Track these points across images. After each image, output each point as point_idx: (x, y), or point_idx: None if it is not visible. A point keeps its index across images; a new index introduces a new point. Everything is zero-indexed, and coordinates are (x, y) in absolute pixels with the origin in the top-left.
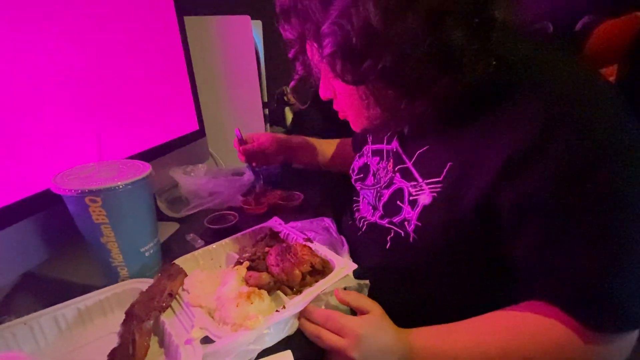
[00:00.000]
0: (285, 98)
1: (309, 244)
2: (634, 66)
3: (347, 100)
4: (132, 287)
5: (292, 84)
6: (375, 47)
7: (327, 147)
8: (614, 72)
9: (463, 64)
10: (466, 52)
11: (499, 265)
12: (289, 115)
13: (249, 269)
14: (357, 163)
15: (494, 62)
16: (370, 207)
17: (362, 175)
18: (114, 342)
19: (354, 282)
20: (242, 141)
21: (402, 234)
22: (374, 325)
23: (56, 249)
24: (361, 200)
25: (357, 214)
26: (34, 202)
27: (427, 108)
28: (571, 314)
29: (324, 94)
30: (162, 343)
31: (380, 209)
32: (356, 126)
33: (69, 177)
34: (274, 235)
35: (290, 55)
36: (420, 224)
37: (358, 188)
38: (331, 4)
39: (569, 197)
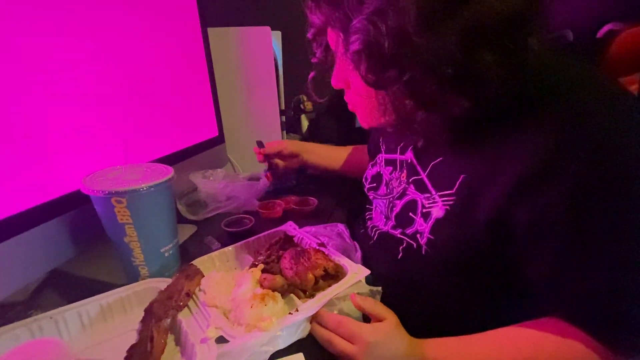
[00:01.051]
0: (302, 106)
1: (322, 248)
2: None
3: (361, 98)
4: (151, 286)
5: (311, 75)
6: (406, 56)
7: (341, 153)
8: (636, 81)
9: (487, 89)
10: (493, 78)
11: (510, 280)
12: (305, 123)
13: (263, 271)
14: (370, 172)
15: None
16: (383, 217)
17: (375, 184)
18: (133, 338)
19: (366, 289)
20: (261, 144)
21: (415, 246)
22: (386, 334)
23: (82, 248)
24: (374, 209)
25: (369, 223)
26: (64, 202)
27: (443, 123)
28: (591, 334)
29: (336, 84)
30: (178, 341)
31: (393, 219)
32: (365, 122)
33: (98, 178)
34: (288, 239)
35: (309, 36)
36: (432, 237)
37: (371, 197)
38: None
39: (587, 216)
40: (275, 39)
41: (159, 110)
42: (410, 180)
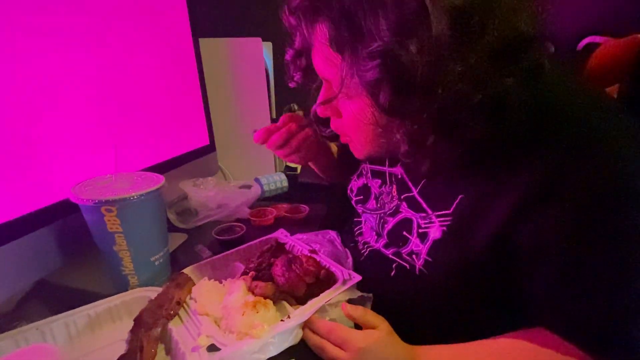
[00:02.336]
0: None
1: (314, 255)
2: (635, 87)
3: (355, 125)
4: (141, 295)
5: (291, 86)
6: (441, 83)
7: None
8: (614, 92)
9: (509, 113)
10: (515, 101)
11: (505, 299)
12: None
13: (254, 279)
14: (356, 183)
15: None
16: (374, 233)
17: (362, 197)
18: (122, 349)
19: (357, 295)
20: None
21: (408, 267)
22: (378, 340)
23: (69, 258)
24: (363, 224)
25: (359, 238)
26: (52, 211)
27: (453, 148)
28: (587, 352)
29: (323, 112)
30: (168, 350)
31: (385, 236)
32: (360, 153)
33: (87, 187)
34: (279, 247)
35: (287, 57)
36: (430, 259)
37: (359, 211)
38: (384, 6)
39: (587, 238)
40: (267, 49)
41: (150, 119)
42: (402, 197)
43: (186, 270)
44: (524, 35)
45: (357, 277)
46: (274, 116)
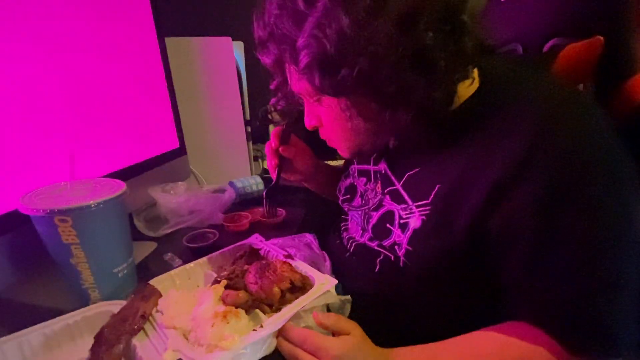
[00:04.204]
0: (269, 116)
1: (289, 260)
2: (598, 86)
3: (332, 123)
4: (103, 310)
5: (272, 101)
6: (350, 53)
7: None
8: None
9: (439, 67)
10: (441, 55)
11: (487, 290)
12: None
13: (226, 287)
14: (344, 183)
15: (476, 75)
16: (359, 228)
17: (348, 195)
18: None
19: (335, 298)
20: (285, 136)
21: (392, 258)
22: (352, 346)
23: (23, 272)
24: (349, 220)
25: (344, 234)
26: (1, 224)
27: (411, 119)
28: (557, 338)
29: (309, 123)
30: None
31: (369, 230)
32: (345, 152)
33: (39, 196)
34: (253, 253)
35: (272, 87)
36: (411, 248)
37: (346, 209)
38: (304, 21)
39: (554, 219)
40: (238, 49)
41: (114, 123)
42: (385, 191)
43: (153, 281)
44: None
45: (334, 281)
46: (247, 117)
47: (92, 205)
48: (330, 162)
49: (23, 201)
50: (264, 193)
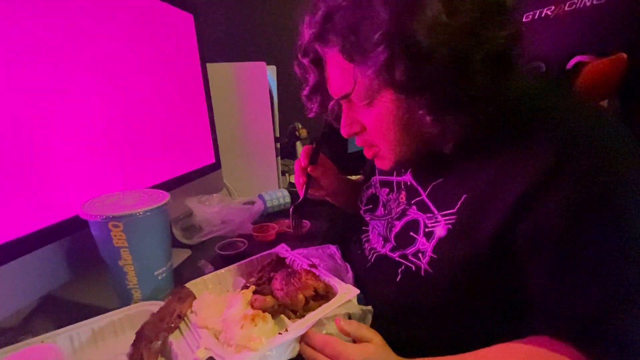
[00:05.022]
0: (297, 133)
1: (313, 269)
2: (623, 103)
3: (382, 128)
4: (144, 309)
5: (310, 116)
6: (440, 42)
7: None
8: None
9: (510, 70)
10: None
11: (510, 301)
12: (300, 149)
13: (254, 292)
14: (365, 194)
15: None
16: (381, 238)
17: (371, 205)
18: None
19: (357, 308)
20: (314, 155)
21: (414, 268)
22: (372, 354)
23: (75, 273)
24: (371, 231)
25: (366, 245)
26: (61, 228)
27: (466, 126)
28: (581, 350)
29: (349, 130)
30: None
31: (392, 240)
32: (389, 160)
33: (96, 204)
34: (280, 261)
35: (304, 93)
36: (435, 256)
37: (367, 219)
38: (383, 6)
39: (580, 232)
40: (271, 72)
41: (158, 140)
42: (411, 202)
43: (188, 285)
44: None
45: (356, 291)
46: (277, 134)
47: (140, 213)
48: (351, 177)
49: (83, 208)
50: (291, 209)
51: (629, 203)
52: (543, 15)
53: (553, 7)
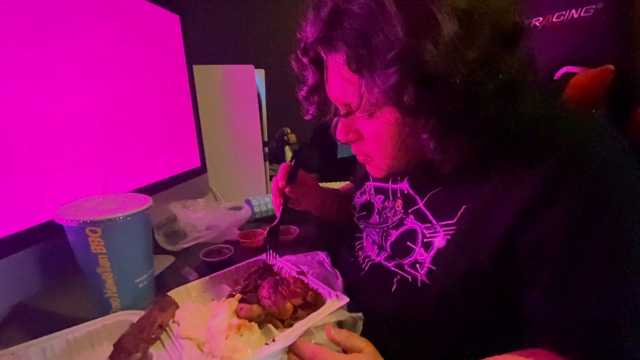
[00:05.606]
0: (286, 138)
1: (301, 277)
2: (610, 113)
3: (379, 140)
4: (122, 319)
5: (307, 119)
6: (454, 71)
7: (341, 203)
8: None
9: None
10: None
11: (504, 315)
12: (289, 154)
13: (241, 301)
14: (359, 200)
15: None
16: (376, 247)
17: (364, 213)
18: None
19: (347, 315)
20: (292, 175)
21: (410, 279)
22: None
23: (49, 281)
24: (365, 238)
25: (360, 252)
26: (35, 233)
27: (475, 142)
28: None
29: (345, 137)
30: None
31: (388, 249)
32: (381, 170)
33: (73, 208)
34: (267, 269)
35: (301, 94)
36: (434, 267)
37: (361, 226)
38: (398, 23)
39: (582, 245)
40: (259, 76)
41: (143, 142)
42: (409, 210)
43: (171, 293)
44: (518, 24)
45: (345, 299)
46: (266, 139)
47: (120, 218)
48: (337, 183)
49: (59, 212)
50: (266, 232)
51: (631, 213)
52: (531, 25)
53: (541, 19)
